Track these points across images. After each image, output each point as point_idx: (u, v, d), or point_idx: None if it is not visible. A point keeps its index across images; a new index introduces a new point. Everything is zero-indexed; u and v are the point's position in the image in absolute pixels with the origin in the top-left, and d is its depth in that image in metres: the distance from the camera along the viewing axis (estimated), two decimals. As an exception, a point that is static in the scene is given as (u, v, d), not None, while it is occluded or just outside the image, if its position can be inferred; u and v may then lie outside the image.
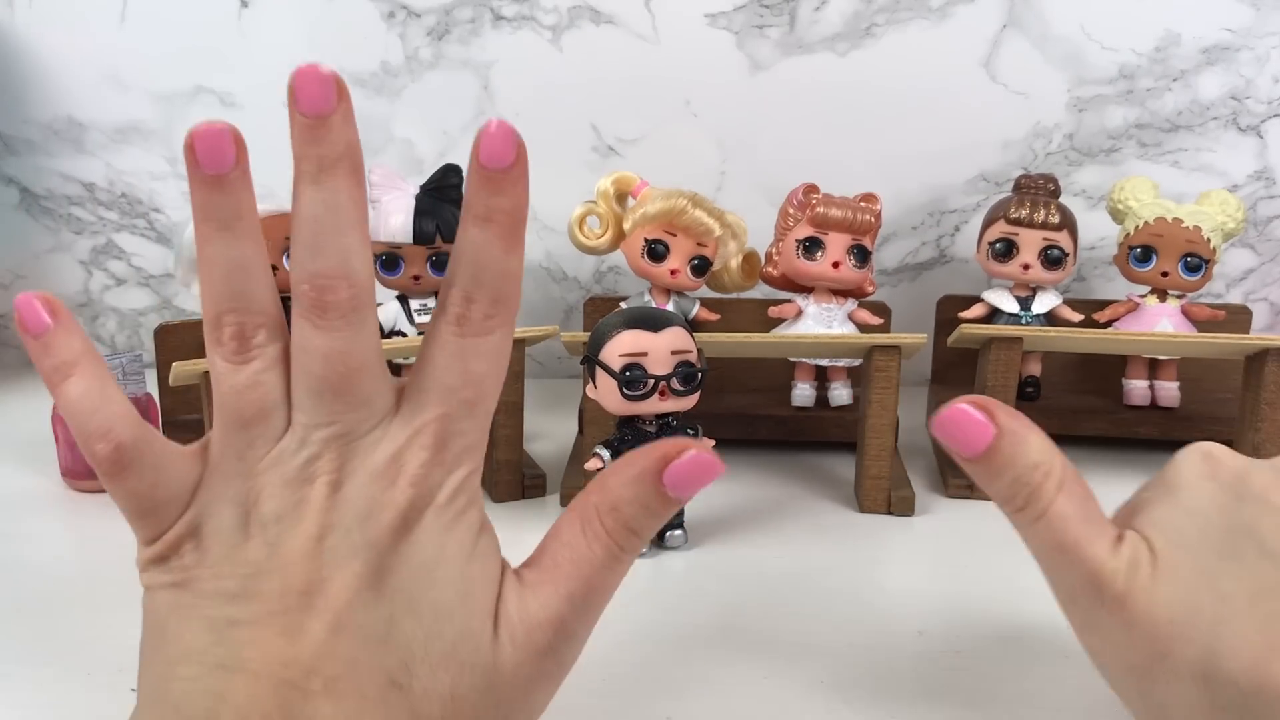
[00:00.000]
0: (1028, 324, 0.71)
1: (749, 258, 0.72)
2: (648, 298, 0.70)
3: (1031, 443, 0.33)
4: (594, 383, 0.52)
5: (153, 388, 0.66)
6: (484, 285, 0.30)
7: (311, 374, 0.30)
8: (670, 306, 0.69)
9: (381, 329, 0.70)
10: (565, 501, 0.62)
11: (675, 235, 0.67)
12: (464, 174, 0.69)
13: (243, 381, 0.30)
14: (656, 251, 0.67)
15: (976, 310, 0.73)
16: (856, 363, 0.71)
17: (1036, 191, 0.70)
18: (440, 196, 0.69)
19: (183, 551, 0.30)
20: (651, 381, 0.50)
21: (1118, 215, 0.72)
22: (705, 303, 0.72)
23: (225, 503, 0.30)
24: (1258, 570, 0.29)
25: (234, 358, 0.30)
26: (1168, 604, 0.30)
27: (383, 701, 0.28)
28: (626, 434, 0.54)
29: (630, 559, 0.32)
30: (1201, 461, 0.34)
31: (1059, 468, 0.33)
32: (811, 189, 0.68)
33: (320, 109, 0.29)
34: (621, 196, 0.69)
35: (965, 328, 0.62)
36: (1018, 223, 0.69)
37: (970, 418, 0.33)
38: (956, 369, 0.76)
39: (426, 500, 0.30)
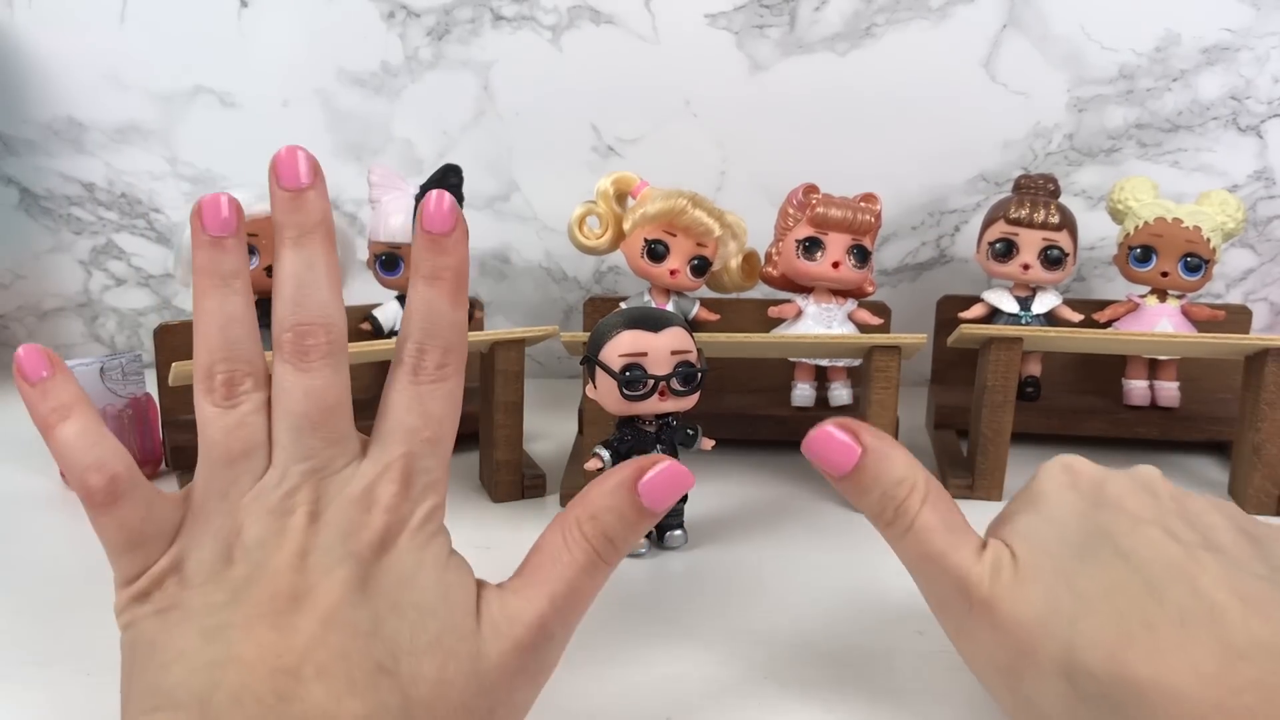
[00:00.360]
0: (1028, 324, 0.71)
1: (749, 258, 0.72)
2: (647, 298, 0.70)
3: (896, 460, 0.35)
4: (594, 383, 0.52)
5: (152, 388, 0.66)
6: (435, 337, 0.33)
7: (293, 412, 0.32)
8: (670, 306, 0.69)
9: (381, 329, 0.70)
10: (565, 501, 0.62)
11: (675, 235, 0.67)
12: (463, 174, 0.69)
13: (231, 422, 0.32)
14: (656, 251, 0.67)
15: (976, 310, 0.73)
16: (856, 363, 0.71)
17: (1036, 191, 0.70)
18: (440, 196, 0.68)
19: (166, 585, 0.31)
20: (651, 381, 0.50)
21: (1117, 215, 0.72)
22: (705, 303, 0.72)
23: (209, 537, 0.32)
24: (1111, 569, 0.32)
25: (223, 403, 0.33)
26: (1029, 604, 0.32)
27: (372, 685, 0.29)
28: (626, 434, 0.54)
29: (608, 568, 0.34)
30: (1062, 473, 0.37)
31: (923, 482, 0.35)
32: (811, 189, 0.68)
33: (299, 184, 0.34)
34: (621, 196, 0.69)
35: (965, 328, 0.62)
36: (1017, 223, 0.69)
37: (836, 440, 0.35)
38: (956, 369, 0.76)
39: (400, 526, 0.32)
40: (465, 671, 0.31)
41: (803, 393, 0.72)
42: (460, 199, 0.70)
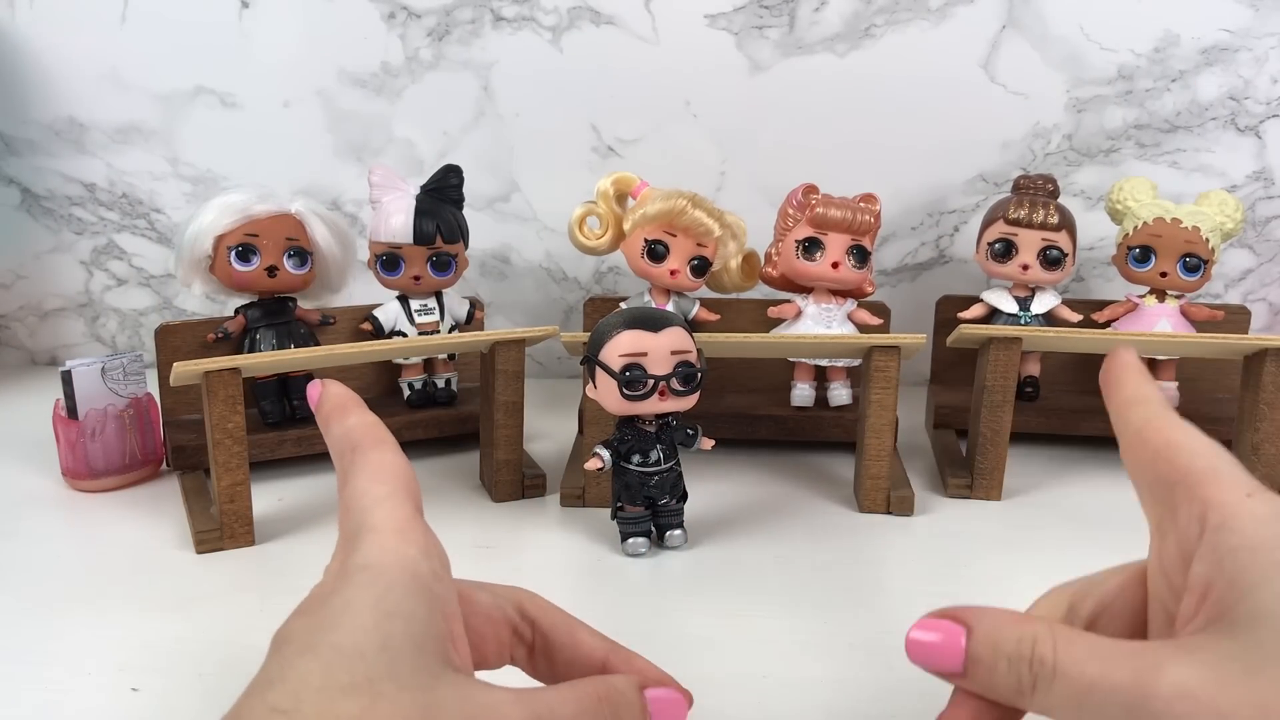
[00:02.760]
0: (1027, 324, 0.71)
1: (749, 258, 0.72)
2: (648, 298, 0.71)
3: (998, 615, 0.30)
4: (594, 383, 0.52)
5: (154, 388, 0.66)
6: None
7: None
8: (670, 306, 0.69)
9: (381, 329, 0.70)
10: (565, 501, 0.62)
11: (675, 235, 0.67)
12: (463, 175, 0.69)
13: None
14: (656, 252, 0.67)
15: (975, 310, 0.73)
16: (856, 363, 0.71)
17: (1035, 192, 0.70)
18: (440, 197, 0.69)
19: None
20: (651, 381, 0.50)
21: (1116, 216, 0.72)
22: (705, 303, 0.73)
23: None
24: None
25: None
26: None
27: None
28: (626, 434, 0.54)
29: None
30: None
31: (1042, 621, 0.29)
32: (811, 189, 0.68)
33: None
34: (621, 197, 0.70)
35: (964, 328, 0.62)
36: (1017, 223, 0.69)
37: (928, 643, 0.31)
38: (956, 369, 0.76)
39: None
40: None
41: (802, 392, 0.72)
42: (460, 199, 0.70)
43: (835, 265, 0.67)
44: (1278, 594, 0.26)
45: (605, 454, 0.54)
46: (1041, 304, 0.71)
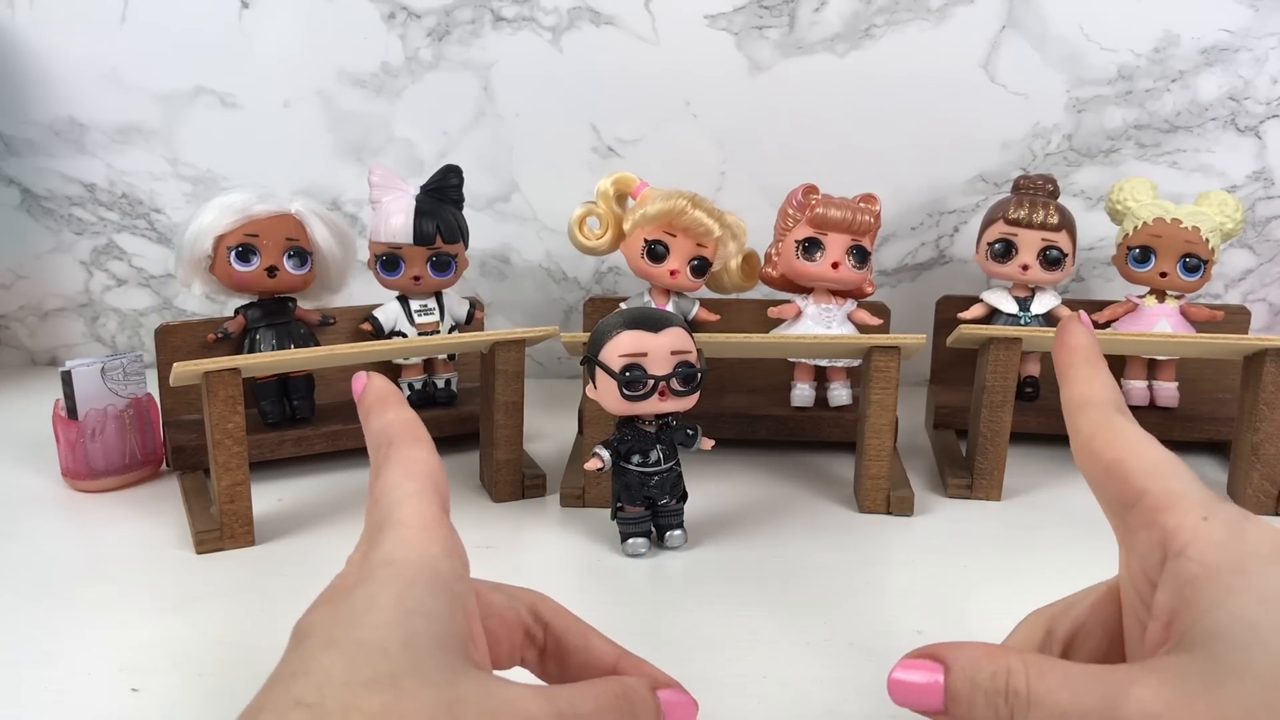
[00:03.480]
0: (1027, 324, 0.71)
1: (748, 258, 0.72)
2: (647, 298, 0.71)
3: (973, 651, 0.31)
4: (594, 383, 0.52)
5: (153, 388, 0.66)
6: None
7: None
8: (670, 307, 0.69)
9: (381, 329, 0.70)
10: (565, 501, 0.62)
11: (675, 236, 0.67)
12: (463, 175, 0.69)
13: None
14: (656, 252, 0.67)
15: (975, 310, 0.73)
16: (856, 363, 0.71)
17: (1035, 192, 0.70)
18: (440, 197, 0.69)
19: None
20: (651, 382, 0.50)
21: (1116, 216, 0.72)
22: (705, 303, 0.73)
23: None
24: None
25: None
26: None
27: None
28: (626, 434, 0.54)
29: None
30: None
31: (1014, 654, 0.30)
32: (811, 190, 0.68)
33: None
34: (621, 197, 0.70)
35: (964, 328, 0.62)
36: (1016, 223, 0.69)
37: (910, 682, 0.32)
38: (956, 369, 0.76)
39: None
40: None
41: (802, 393, 0.72)
42: (460, 199, 0.70)
43: (835, 265, 0.67)
44: (1232, 613, 0.27)
45: (605, 454, 0.54)
46: (1041, 304, 0.71)
